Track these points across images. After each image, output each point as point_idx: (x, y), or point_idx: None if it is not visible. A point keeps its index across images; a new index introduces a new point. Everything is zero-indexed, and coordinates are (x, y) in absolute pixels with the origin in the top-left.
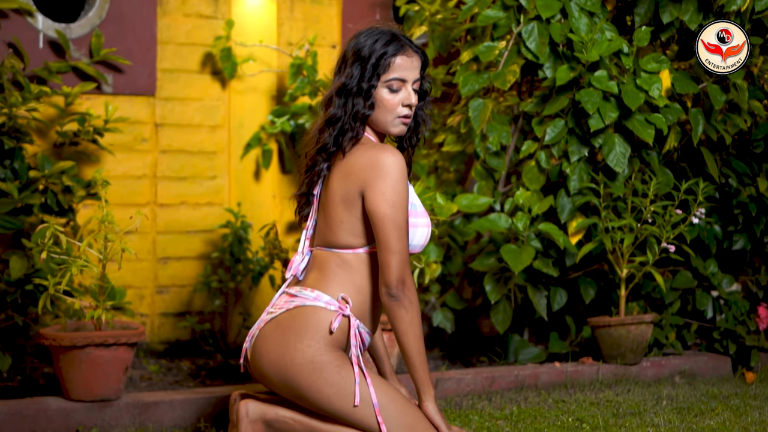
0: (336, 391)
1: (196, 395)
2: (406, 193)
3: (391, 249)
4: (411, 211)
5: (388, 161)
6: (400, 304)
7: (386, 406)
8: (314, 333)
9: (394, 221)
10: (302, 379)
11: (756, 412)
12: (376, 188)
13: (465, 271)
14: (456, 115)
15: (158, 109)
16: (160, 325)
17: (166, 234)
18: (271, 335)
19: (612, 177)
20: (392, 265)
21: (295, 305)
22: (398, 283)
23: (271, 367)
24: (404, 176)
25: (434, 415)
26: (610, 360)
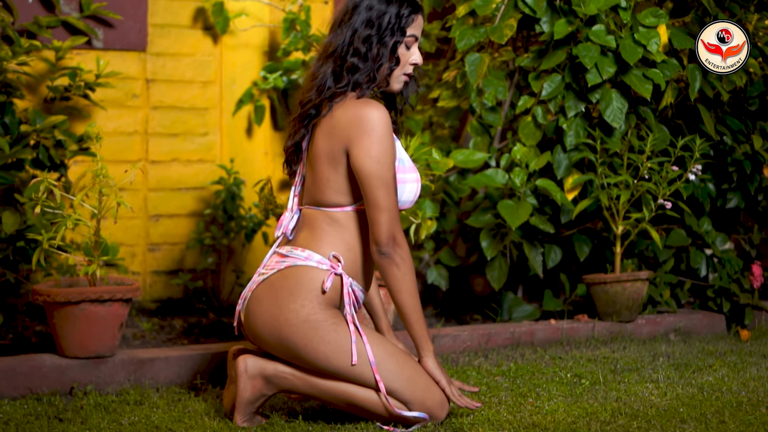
0: (333, 349)
1: (191, 352)
2: (392, 149)
3: (379, 206)
4: (399, 167)
5: (372, 116)
6: (392, 262)
7: (385, 361)
8: (307, 293)
9: (381, 178)
10: (298, 339)
11: (753, 368)
12: (361, 145)
13: (459, 228)
14: (451, 70)
15: (149, 64)
16: (152, 283)
17: (158, 191)
18: (264, 297)
19: (609, 133)
20: (381, 222)
21: (286, 265)
22: (388, 241)
23: (265, 328)
24: (389, 131)
25: (434, 370)
26: (606, 317)
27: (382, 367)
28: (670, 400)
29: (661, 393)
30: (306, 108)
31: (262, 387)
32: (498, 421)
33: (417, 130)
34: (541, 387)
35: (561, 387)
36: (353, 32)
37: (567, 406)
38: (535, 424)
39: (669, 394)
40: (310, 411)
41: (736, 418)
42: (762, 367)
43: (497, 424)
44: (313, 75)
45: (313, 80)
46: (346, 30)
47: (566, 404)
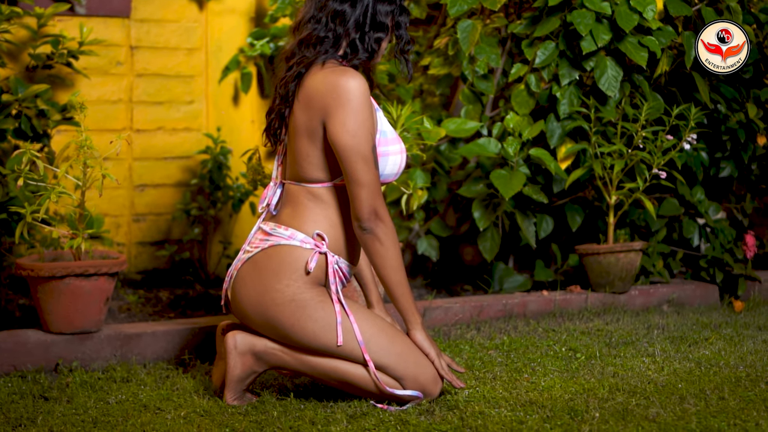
0: (321, 326)
1: (179, 326)
2: (370, 121)
3: (358, 181)
4: (380, 139)
5: (348, 86)
6: (374, 237)
7: (375, 337)
8: (291, 272)
9: (358, 151)
10: (285, 319)
11: (750, 341)
12: (336, 117)
13: (450, 198)
14: (443, 37)
15: (134, 31)
16: (137, 254)
17: (143, 160)
18: (249, 276)
19: (603, 101)
20: (361, 197)
21: (269, 244)
22: (370, 216)
23: (251, 308)
24: (366, 102)
25: (423, 342)
26: (599, 288)
27: (372, 343)
28: (668, 376)
29: (658, 368)
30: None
31: (252, 364)
32: (494, 398)
33: (407, 98)
34: (536, 362)
35: (556, 362)
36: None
37: (563, 382)
38: (531, 402)
39: (666, 369)
40: (301, 388)
41: (736, 394)
42: (758, 340)
43: (493, 401)
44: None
45: (305, 35)
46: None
47: (562, 380)
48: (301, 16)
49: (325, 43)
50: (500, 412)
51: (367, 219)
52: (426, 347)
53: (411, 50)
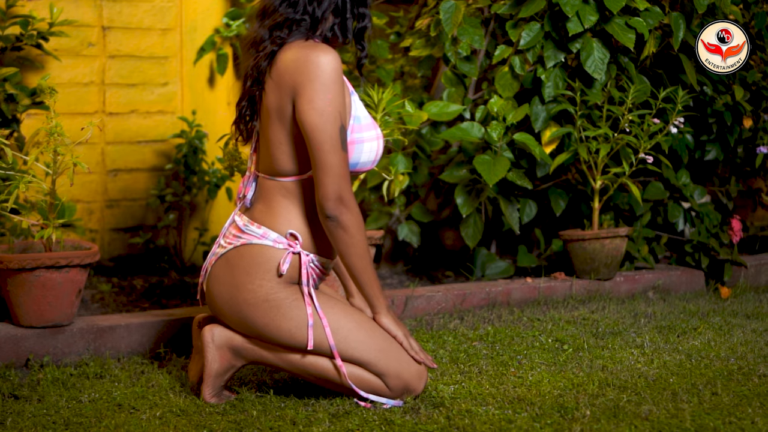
0: (296, 325)
1: (154, 318)
2: (339, 99)
3: (322, 164)
4: (354, 125)
5: (319, 61)
6: (338, 225)
7: (353, 333)
8: (264, 272)
9: (324, 131)
10: (258, 318)
11: (739, 330)
12: (304, 95)
13: (432, 183)
14: (424, 17)
15: (105, 11)
16: (110, 240)
17: (116, 144)
18: (222, 274)
19: (589, 84)
20: (326, 183)
21: (242, 243)
22: (335, 203)
23: (225, 307)
24: (336, 79)
25: (389, 326)
26: (583, 275)
27: (351, 340)
28: (658, 369)
29: (648, 360)
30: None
31: (230, 358)
32: (481, 394)
33: (388, 81)
34: (522, 354)
35: (543, 354)
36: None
37: (551, 376)
38: (520, 398)
39: (656, 362)
40: (281, 384)
41: (729, 389)
42: (747, 329)
43: (480, 398)
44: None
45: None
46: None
47: (550, 374)
48: (270, 1)
49: (302, 25)
50: (488, 410)
51: (332, 207)
52: (393, 330)
53: (368, 27)
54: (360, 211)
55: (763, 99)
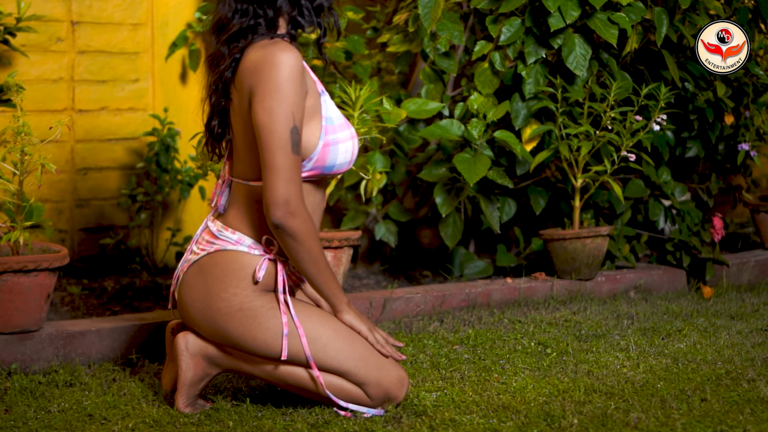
0: (273, 335)
1: (125, 323)
2: (293, 98)
3: (269, 166)
4: (328, 127)
5: (273, 59)
6: (286, 233)
7: (332, 342)
8: (238, 280)
9: (273, 131)
10: (233, 328)
11: (724, 332)
12: (257, 94)
13: (410, 181)
14: (402, 12)
15: (75, 5)
16: (80, 241)
17: (86, 142)
18: (195, 282)
19: (570, 80)
20: (272, 186)
21: (216, 249)
22: (282, 209)
23: (199, 316)
24: (292, 77)
25: (353, 321)
26: (564, 275)
27: (329, 348)
28: (645, 374)
29: (634, 364)
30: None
31: (205, 367)
32: (464, 402)
33: (365, 77)
34: (505, 358)
35: (526, 358)
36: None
37: (535, 382)
38: (504, 406)
39: (642, 366)
40: (257, 392)
41: (718, 395)
42: (732, 331)
43: (463, 406)
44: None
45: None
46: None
47: (534, 379)
48: (220, 15)
49: (259, 29)
50: (472, 418)
51: (278, 213)
52: (356, 325)
53: (324, 5)
54: (310, 216)
55: (745, 95)
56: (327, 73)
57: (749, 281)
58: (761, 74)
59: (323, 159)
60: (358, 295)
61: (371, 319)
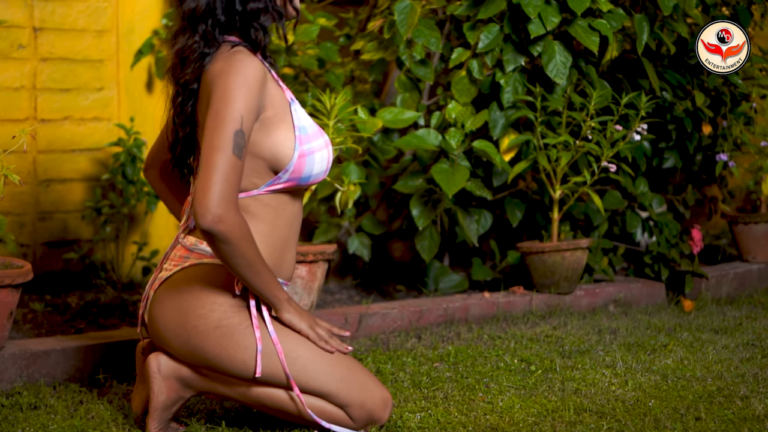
0: (251, 354)
1: (92, 341)
2: (243, 103)
3: (205, 164)
4: (302, 137)
5: (231, 68)
6: (216, 239)
7: (313, 363)
8: (216, 295)
9: (215, 130)
10: (210, 348)
11: (710, 347)
12: (209, 104)
13: (383, 193)
14: (377, 19)
15: (37, 11)
16: (43, 255)
17: (49, 153)
18: (168, 300)
19: (549, 89)
20: (204, 186)
21: (190, 263)
22: (212, 214)
23: (172, 336)
24: (246, 85)
25: (292, 320)
26: (543, 289)
27: (310, 369)
28: (635, 392)
29: (622, 381)
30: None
31: (178, 389)
32: (450, 423)
33: (338, 85)
34: (488, 376)
35: (510, 376)
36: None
37: (522, 401)
38: (492, 427)
39: (630, 383)
40: (233, 413)
41: (713, 413)
42: (719, 346)
43: (450, 427)
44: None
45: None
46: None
47: (521, 398)
48: (181, 45)
49: (212, 48)
50: None
51: (210, 218)
52: (296, 324)
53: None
54: (242, 219)
55: (722, 105)
56: (298, 82)
57: (728, 294)
58: (740, 83)
59: (299, 170)
60: (333, 310)
61: None
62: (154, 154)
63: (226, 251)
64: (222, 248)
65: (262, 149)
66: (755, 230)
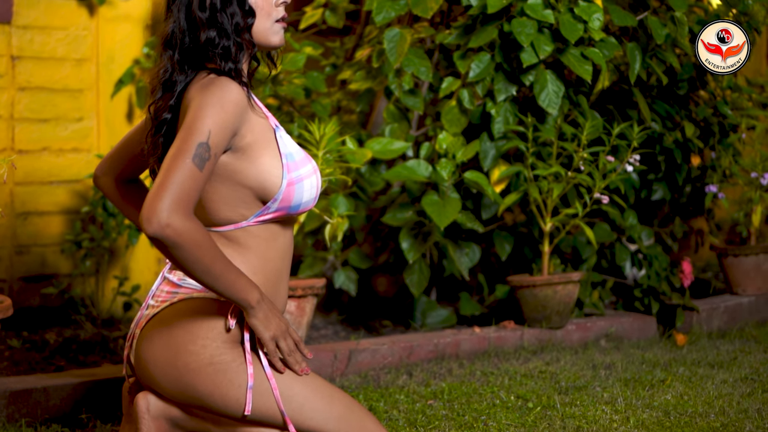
0: (244, 393)
1: (74, 379)
2: (214, 120)
3: (162, 169)
4: (289, 164)
5: (209, 88)
6: (163, 245)
7: (309, 401)
8: (208, 330)
9: (180, 139)
10: (202, 385)
11: (709, 382)
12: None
13: (371, 226)
14: (365, 48)
15: (15, 38)
16: (20, 291)
17: (26, 185)
18: (156, 337)
19: (541, 119)
20: (155, 190)
21: (179, 298)
22: (158, 219)
23: (162, 375)
24: (220, 105)
25: (256, 328)
26: (534, 323)
27: (306, 408)
28: (638, 429)
29: (623, 418)
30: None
31: (168, 430)
32: None
33: (324, 115)
34: (486, 414)
35: (508, 414)
36: (186, 3)
37: None
38: None
39: (632, 420)
40: None
41: None
42: (717, 380)
43: None
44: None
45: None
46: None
47: None
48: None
49: (180, 72)
50: None
51: (155, 223)
52: (259, 332)
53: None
54: (196, 224)
55: (711, 136)
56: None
57: (719, 327)
58: (729, 114)
59: (289, 198)
60: (321, 346)
61: (336, 372)
62: (111, 162)
63: (177, 257)
64: (173, 254)
65: (248, 178)
66: (745, 262)
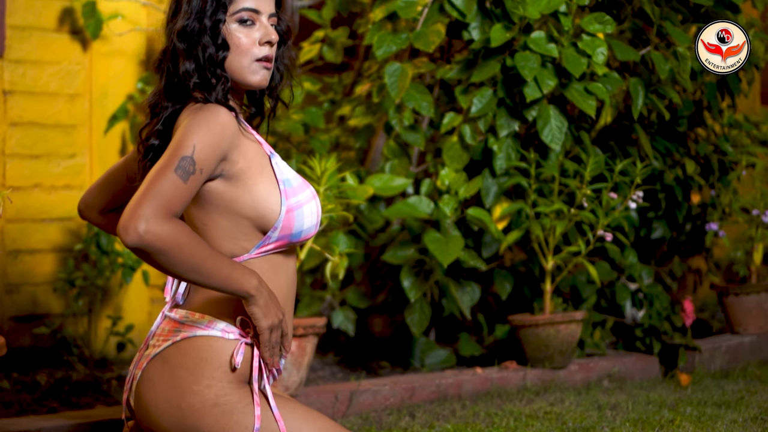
0: None
1: (68, 420)
2: (201, 137)
3: (146, 179)
4: (287, 190)
5: (199, 114)
6: (144, 253)
7: None
8: (213, 370)
9: (166, 155)
10: (207, 427)
11: (719, 423)
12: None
13: (369, 264)
14: (364, 83)
15: (7, 73)
16: (10, 330)
17: (17, 222)
18: (159, 377)
19: (544, 155)
20: (132, 202)
21: (183, 336)
22: (134, 229)
23: (164, 417)
24: (207, 125)
25: (254, 315)
26: (536, 363)
27: None
28: None
29: None
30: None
31: None
32: None
33: (323, 152)
34: None
35: None
36: (172, 31)
37: None
38: None
39: None
40: None
41: None
42: (727, 420)
43: None
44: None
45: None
46: (170, 26)
47: None
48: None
49: (169, 99)
50: None
51: (132, 233)
52: (257, 320)
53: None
54: (176, 224)
55: (710, 173)
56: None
57: (722, 367)
58: (730, 150)
59: (289, 226)
60: (322, 387)
61: (337, 414)
62: (97, 195)
63: (163, 263)
64: (158, 261)
65: (245, 207)
66: (746, 301)
